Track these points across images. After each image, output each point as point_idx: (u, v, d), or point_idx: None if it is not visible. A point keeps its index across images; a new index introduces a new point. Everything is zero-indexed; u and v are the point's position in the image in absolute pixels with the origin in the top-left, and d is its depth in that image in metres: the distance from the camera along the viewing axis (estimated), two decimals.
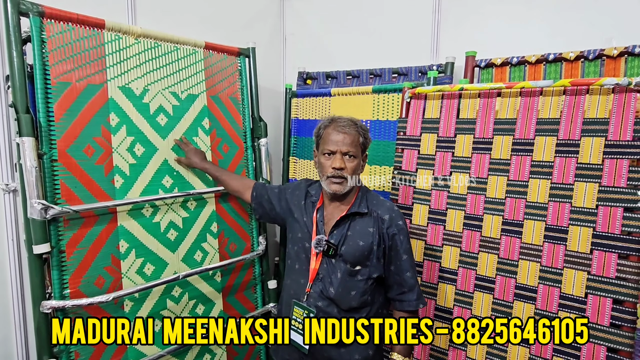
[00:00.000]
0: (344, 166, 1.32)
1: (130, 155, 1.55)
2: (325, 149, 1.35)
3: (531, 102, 1.40)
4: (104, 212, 1.47)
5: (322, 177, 1.38)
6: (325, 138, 1.36)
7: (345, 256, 1.33)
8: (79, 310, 1.40)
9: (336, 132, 1.33)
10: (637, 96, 1.23)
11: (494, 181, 1.44)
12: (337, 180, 1.34)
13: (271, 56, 2.54)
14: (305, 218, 1.44)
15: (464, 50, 1.85)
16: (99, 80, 1.47)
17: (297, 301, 1.37)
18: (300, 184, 1.56)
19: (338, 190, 1.35)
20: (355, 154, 1.34)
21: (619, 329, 1.20)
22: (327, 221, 1.40)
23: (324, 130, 1.38)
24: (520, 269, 1.37)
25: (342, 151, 1.33)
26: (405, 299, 1.36)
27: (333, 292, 1.32)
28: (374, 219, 1.36)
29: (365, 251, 1.33)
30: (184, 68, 1.74)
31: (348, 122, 1.35)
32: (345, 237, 1.35)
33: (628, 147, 1.23)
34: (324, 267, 1.35)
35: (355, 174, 1.36)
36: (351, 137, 1.33)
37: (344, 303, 1.32)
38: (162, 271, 1.64)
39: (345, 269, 1.33)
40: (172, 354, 1.65)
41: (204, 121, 1.81)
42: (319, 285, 1.35)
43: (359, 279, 1.33)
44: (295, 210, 1.48)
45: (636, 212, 1.20)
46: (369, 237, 1.34)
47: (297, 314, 1.36)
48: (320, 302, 1.33)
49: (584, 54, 1.60)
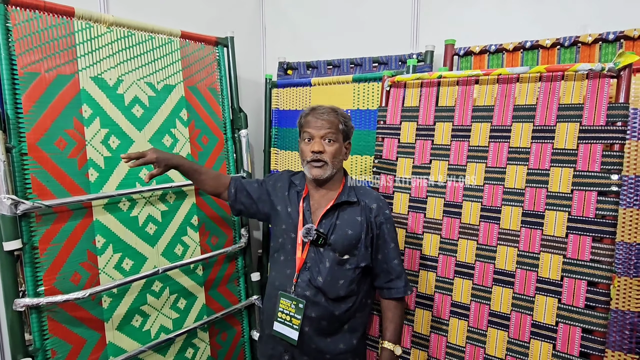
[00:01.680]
0: (323, 150, 1.33)
1: (105, 148, 1.52)
2: (305, 134, 1.37)
3: (508, 89, 1.41)
4: (79, 206, 1.44)
5: (303, 163, 1.38)
6: (304, 126, 1.38)
7: (334, 245, 1.33)
8: (54, 307, 1.36)
9: (315, 118, 1.36)
10: (610, 82, 1.25)
11: (472, 168, 1.45)
12: (317, 164, 1.34)
13: (251, 46, 2.50)
14: (289, 209, 1.42)
15: (443, 39, 1.85)
16: (69, 70, 1.43)
17: (284, 292, 1.36)
18: (282, 175, 1.54)
19: (318, 174, 1.35)
20: (335, 138, 1.36)
21: (593, 310, 1.23)
22: (315, 210, 1.39)
23: (304, 118, 1.40)
24: (499, 255, 1.38)
25: (320, 135, 1.34)
26: (393, 287, 1.39)
27: (321, 281, 1.31)
28: (362, 208, 1.38)
29: (354, 240, 1.34)
30: (160, 58, 1.70)
31: (327, 110, 1.38)
32: (334, 226, 1.35)
33: (602, 132, 1.24)
34: (312, 256, 1.34)
35: (336, 159, 1.37)
36: (329, 122, 1.35)
37: (332, 292, 1.32)
38: (141, 266, 1.61)
39: (334, 258, 1.33)
40: (153, 349, 1.63)
41: (182, 112, 1.78)
42: (307, 275, 1.34)
43: (347, 268, 1.34)
44: (278, 203, 1.46)
45: (609, 195, 1.22)
46: (357, 226, 1.35)
47: (284, 305, 1.35)
48: (308, 291, 1.32)
49: (559, 41, 1.62)
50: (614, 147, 1.23)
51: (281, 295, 1.36)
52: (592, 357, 1.22)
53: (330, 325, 1.34)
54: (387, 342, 1.37)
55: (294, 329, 1.32)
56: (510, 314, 1.36)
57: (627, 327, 1.43)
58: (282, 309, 1.35)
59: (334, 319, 1.34)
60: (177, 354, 1.74)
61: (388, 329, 1.39)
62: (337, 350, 1.35)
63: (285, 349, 1.37)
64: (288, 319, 1.34)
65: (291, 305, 1.33)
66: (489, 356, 1.39)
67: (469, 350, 1.43)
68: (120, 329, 1.55)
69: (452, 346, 1.46)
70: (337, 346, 1.35)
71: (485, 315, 1.40)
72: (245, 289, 2.03)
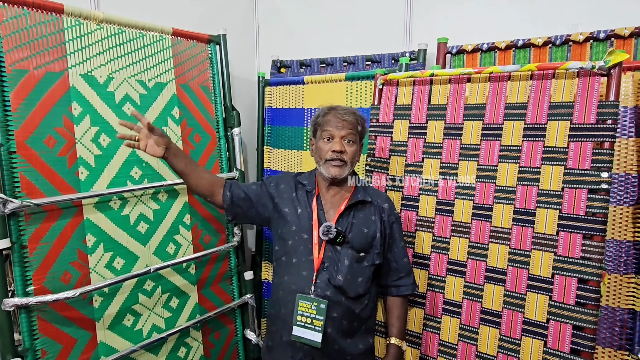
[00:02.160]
0: (344, 149, 1.34)
1: (95, 146, 1.50)
2: (325, 133, 1.36)
3: (500, 87, 1.41)
4: (69, 205, 1.42)
5: (320, 162, 1.37)
6: (324, 124, 1.37)
7: (352, 243, 1.34)
8: (44, 307, 1.35)
9: (336, 118, 1.35)
10: (601, 80, 1.26)
11: (464, 166, 1.45)
12: (336, 163, 1.34)
13: (244, 44, 2.49)
14: (299, 210, 1.40)
15: (436, 37, 1.85)
16: (59, 67, 1.41)
17: (302, 294, 1.31)
18: (284, 176, 1.51)
19: (337, 174, 1.34)
20: (354, 139, 1.37)
21: (583, 307, 1.24)
22: (328, 209, 1.39)
23: (323, 117, 1.38)
24: (490, 252, 1.39)
25: (341, 135, 1.34)
26: (402, 284, 1.43)
27: (341, 279, 1.30)
28: (375, 208, 1.40)
29: (370, 238, 1.36)
30: (151, 55, 1.69)
31: (348, 110, 1.37)
32: (351, 224, 1.36)
33: (592, 130, 1.25)
34: (329, 255, 1.33)
35: (354, 160, 1.38)
36: (350, 124, 1.35)
37: (352, 290, 1.32)
38: (133, 265, 1.60)
39: (353, 255, 1.33)
40: (145, 348, 1.62)
41: (174, 110, 1.77)
42: (325, 275, 1.32)
43: (365, 265, 1.35)
44: (285, 205, 1.42)
45: (599, 193, 1.23)
46: (372, 225, 1.37)
47: (304, 307, 1.29)
48: (328, 291, 1.30)
49: (551, 39, 1.63)
50: (604, 145, 1.23)
51: (300, 297, 1.30)
52: (583, 353, 1.23)
53: (351, 325, 1.33)
54: (395, 338, 1.40)
55: (317, 330, 1.27)
56: (502, 311, 1.36)
57: (617, 324, 1.44)
58: (301, 312, 1.29)
59: (354, 318, 1.33)
60: (170, 353, 1.73)
61: (395, 326, 1.41)
62: (357, 350, 1.35)
63: (305, 353, 1.31)
64: (309, 321, 1.29)
65: (312, 307, 1.28)
66: (480, 353, 1.40)
67: (461, 348, 1.43)
68: (112, 329, 1.54)
69: (445, 344, 1.47)
70: (357, 346, 1.35)
71: (477, 312, 1.41)
72: (239, 288, 2.02)
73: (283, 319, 1.35)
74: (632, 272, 1.42)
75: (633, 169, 1.42)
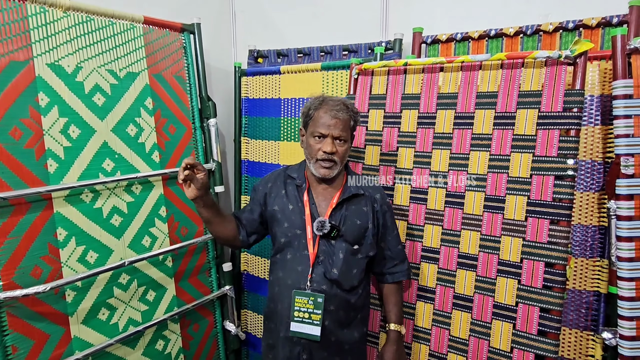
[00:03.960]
0: (335, 150, 1.29)
1: (65, 137, 1.47)
2: (316, 131, 1.31)
3: (471, 76, 1.43)
4: (37, 198, 1.39)
5: (310, 159, 1.34)
6: (316, 120, 1.32)
7: (346, 236, 1.33)
8: (13, 302, 1.32)
9: (328, 115, 1.29)
10: (568, 69, 1.29)
11: (437, 155, 1.47)
12: (327, 165, 1.31)
13: (220, 34, 2.45)
14: (290, 206, 1.38)
15: (411, 27, 1.86)
16: (23, 56, 1.36)
17: (298, 290, 1.31)
18: (274, 173, 1.49)
19: (327, 174, 1.32)
20: (346, 138, 1.32)
21: (550, 290, 1.28)
22: (320, 203, 1.37)
23: (314, 111, 1.33)
24: (463, 239, 1.42)
25: (333, 135, 1.29)
26: (397, 270, 1.44)
27: (337, 272, 1.30)
28: (366, 198, 1.39)
29: (363, 229, 1.36)
30: (122, 44, 1.65)
31: (341, 106, 1.31)
32: (344, 217, 1.34)
33: (559, 118, 1.28)
34: (323, 249, 1.32)
35: (344, 158, 1.35)
36: (343, 122, 1.30)
37: (347, 282, 1.32)
38: (107, 258, 1.58)
39: (347, 248, 1.33)
40: (122, 342, 1.61)
41: (147, 101, 1.73)
42: (320, 269, 1.31)
43: (359, 257, 1.35)
44: (274, 204, 1.40)
45: (566, 179, 1.27)
46: (365, 216, 1.37)
47: (301, 303, 1.29)
48: (324, 285, 1.30)
49: (522, 29, 1.65)
50: (570, 132, 1.27)
51: (296, 293, 1.30)
52: (549, 334, 1.28)
53: (347, 315, 1.34)
54: (394, 324, 1.41)
55: (315, 324, 1.28)
56: (474, 296, 1.40)
57: (584, 306, 1.49)
58: (298, 307, 1.29)
59: (350, 308, 1.34)
60: (147, 347, 1.72)
61: (392, 312, 1.43)
62: (353, 339, 1.36)
63: (304, 347, 1.31)
64: (307, 316, 1.29)
65: (309, 302, 1.28)
66: (453, 337, 1.43)
67: (434, 333, 1.47)
68: (86, 323, 1.52)
69: (419, 329, 1.50)
70: (353, 335, 1.36)
71: (450, 297, 1.44)
72: (217, 279, 2.02)
73: (280, 315, 1.35)
74: (597, 256, 1.47)
75: (599, 156, 1.47)
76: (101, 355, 1.55)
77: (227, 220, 1.43)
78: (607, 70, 1.45)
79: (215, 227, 1.39)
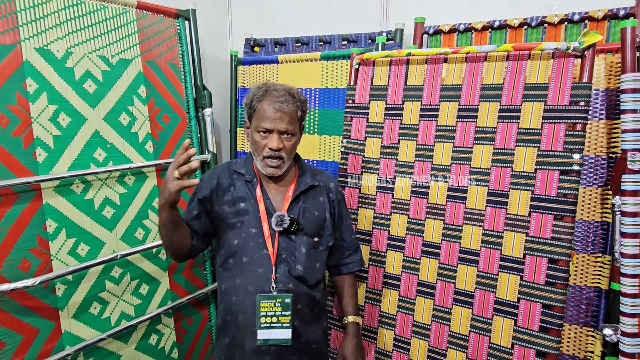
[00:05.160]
0: (282, 146, 1.20)
1: (54, 126, 1.41)
2: (261, 126, 1.19)
3: (476, 67, 1.39)
4: (26, 189, 1.33)
5: (257, 156, 1.24)
6: (260, 113, 1.20)
7: (306, 229, 1.27)
8: (1, 296, 1.27)
9: (272, 108, 1.18)
10: (575, 61, 1.26)
11: (440, 148, 1.44)
12: (274, 163, 1.21)
13: (216, 21, 2.39)
14: (242, 204, 1.26)
15: (413, 17, 1.82)
16: (10, 40, 1.30)
17: (262, 294, 1.20)
18: (216, 170, 1.32)
19: (274, 173, 1.23)
20: (294, 131, 1.22)
21: (553, 287, 1.26)
22: (274, 197, 1.28)
23: (257, 103, 1.21)
24: (464, 234, 1.39)
25: (279, 130, 1.19)
26: (351, 261, 1.42)
27: (301, 268, 1.24)
28: (322, 189, 1.34)
29: (321, 221, 1.32)
30: (114, 29, 1.58)
31: (286, 96, 1.19)
32: (302, 210, 1.28)
33: (565, 112, 1.25)
34: (284, 246, 1.24)
35: (293, 152, 1.26)
36: (289, 114, 1.19)
37: (312, 277, 1.27)
38: (99, 251, 1.53)
39: (309, 242, 1.27)
40: (114, 336, 1.56)
41: (140, 89, 1.67)
42: (284, 267, 1.23)
43: (320, 249, 1.31)
44: (221, 204, 1.27)
45: (571, 174, 1.24)
46: (322, 207, 1.33)
47: (267, 307, 1.19)
48: (290, 283, 1.23)
49: (527, 20, 1.62)
50: (577, 126, 1.24)
51: (260, 298, 1.19)
52: (551, 331, 1.26)
53: (312, 312, 1.29)
54: (352, 316, 1.39)
55: (285, 327, 1.20)
56: (475, 291, 1.38)
57: (584, 302, 1.48)
58: (264, 312, 1.19)
59: (314, 305, 1.29)
60: (140, 341, 1.68)
61: (350, 304, 1.40)
62: (318, 336, 1.31)
63: (273, 355, 1.21)
64: (275, 320, 1.20)
65: (275, 305, 1.20)
66: (453, 333, 1.41)
67: (434, 328, 1.45)
68: (77, 317, 1.47)
69: (418, 324, 1.48)
70: (317, 333, 1.31)
71: (451, 293, 1.42)
72: (212, 273, 1.98)
73: (243, 327, 1.22)
74: (599, 252, 1.46)
75: (603, 151, 1.45)
76: (93, 350, 1.51)
77: (184, 225, 1.24)
78: (613, 63, 1.42)
79: (177, 233, 1.20)
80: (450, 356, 1.41)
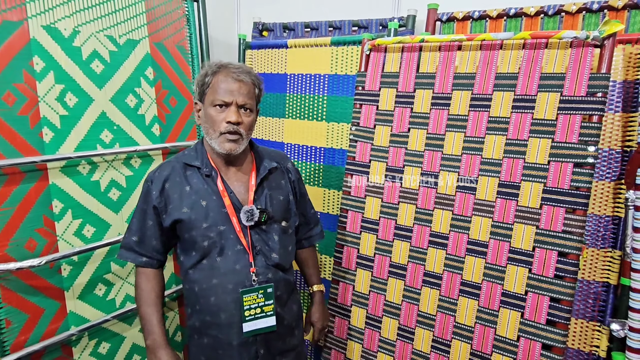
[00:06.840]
0: (241, 120, 1.14)
1: (61, 105, 1.39)
2: (217, 99, 1.13)
3: (491, 56, 1.36)
4: (32, 168, 1.33)
5: (212, 134, 1.16)
6: (215, 86, 1.14)
7: (275, 216, 1.25)
8: (7, 275, 1.27)
9: (230, 79, 1.13)
10: (593, 51, 1.22)
11: (451, 138, 1.42)
12: (233, 137, 1.14)
13: (224, 3, 2.35)
14: (203, 202, 1.18)
15: (426, 4, 1.78)
16: (17, 17, 1.28)
17: (244, 289, 1.18)
18: (164, 168, 1.22)
19: (233, 149, 1.15)
20: (252, 107, 1.18)
21: (561, 280, 1.24)
22: (237, 189, 1.22)
23: (212, 77, 1.15)
24: (473, 225, 1.38)
25: (237, 102, 1.14)
26: (313, 234, 1.49)
27: (277, 257, 1.24)
28: (281, 171, 1.33)
29: (287, 203, 1.31)
30: (122, 9, 1.56)
31: (242, 69, 1.16)
32: (268, 197, 1.25)
33: (581, 103, 1.22)
34: (257, 237, 1.22)
35: (250, 132, 1.20)
36: (247, 87, 1.15)
37: (287, 262, 1.29)
38: (105, 233, 1.53)
39: (279, 228, 1.26)
40: (118, 318, 1.57)
41: (148, 71, 1.65)
42: (261, 258, 1.22)
43: (290, 232, 1.32)
44: (179, 207, 1.18)
45: (585, 167, 1.22)
46: (285, 189, 1.32)
47: (250, 301, 1.19)
48: (269, 273, 1.22)
49: (544, 9, 1.58)
50: (593, 118, 1.21)
51: (243, 293, 1.17)
52: (559, 324, 1.25)
53: (289, 295, 1.31)
54: (317, 285, 1.48)
55: (269, 315, 1.21)
56: (482, 283, 1.36)
57: (591, 297, 1.47)
58: (248, 306, 1.18)
59: (289, 287, 1.31)
60: None
61: (314, 275, 1.49)
62: (293, 312, 1.32)
63: (260, 344, 1.22)
64: (259, 311, 1.20)
65: (258, 296, 1.20)
66: (458, 324, 1.41)
67: (439, 319, 1.44)
68: (82, 298, 1.48)
69: (423, 314, 1.47)
70: (292, 309, 1.32)
71: (457, 284, 1.41)
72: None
73: (227, 325, 1.19)
74: (609, 247, 1.44)
75: (617, 144, 1.42)
76: (97, 330, 1.52)
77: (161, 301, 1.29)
78: (632, 54, 1.39)
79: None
80: (455, 347, 1.41)
